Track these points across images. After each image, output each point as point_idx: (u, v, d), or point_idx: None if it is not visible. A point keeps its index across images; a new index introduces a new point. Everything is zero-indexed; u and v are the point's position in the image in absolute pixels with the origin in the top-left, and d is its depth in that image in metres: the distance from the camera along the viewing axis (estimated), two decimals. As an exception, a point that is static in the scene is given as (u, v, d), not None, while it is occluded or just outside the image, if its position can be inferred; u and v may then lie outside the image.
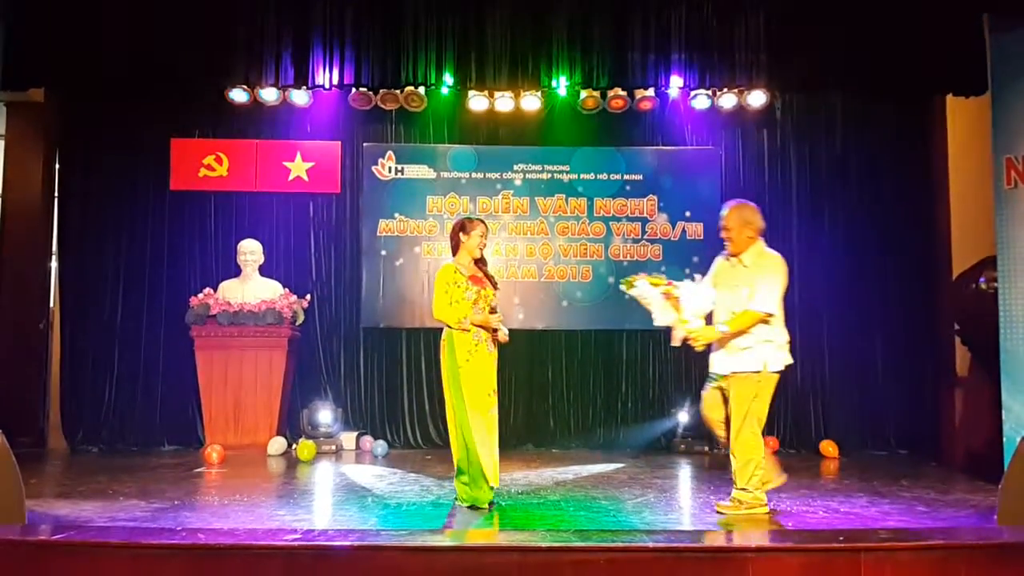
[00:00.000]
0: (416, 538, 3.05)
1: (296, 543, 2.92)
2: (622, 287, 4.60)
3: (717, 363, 4.49)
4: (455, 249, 4.72)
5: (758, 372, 4.33)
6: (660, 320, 4.43)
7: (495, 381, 4.59)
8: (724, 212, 4.52)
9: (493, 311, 4.61)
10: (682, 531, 3.74)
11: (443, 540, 3.05)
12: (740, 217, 4.46)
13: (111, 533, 3.27)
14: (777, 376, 4.41)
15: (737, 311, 4.36)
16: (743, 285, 4.39)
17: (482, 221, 4.76)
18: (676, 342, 4.46)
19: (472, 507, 4.47)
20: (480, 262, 4.71)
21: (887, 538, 2.98)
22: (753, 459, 4.33)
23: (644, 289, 4.45)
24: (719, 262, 4.65)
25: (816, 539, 2.99)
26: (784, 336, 4.46)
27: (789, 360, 4.48)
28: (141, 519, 4.20)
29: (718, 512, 4.40)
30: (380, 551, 2.93)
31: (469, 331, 4.50)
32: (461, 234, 4.68)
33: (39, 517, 4.09)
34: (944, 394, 7.31)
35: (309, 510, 4.60)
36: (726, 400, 4.46)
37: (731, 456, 4.43)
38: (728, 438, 4.47)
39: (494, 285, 4.70)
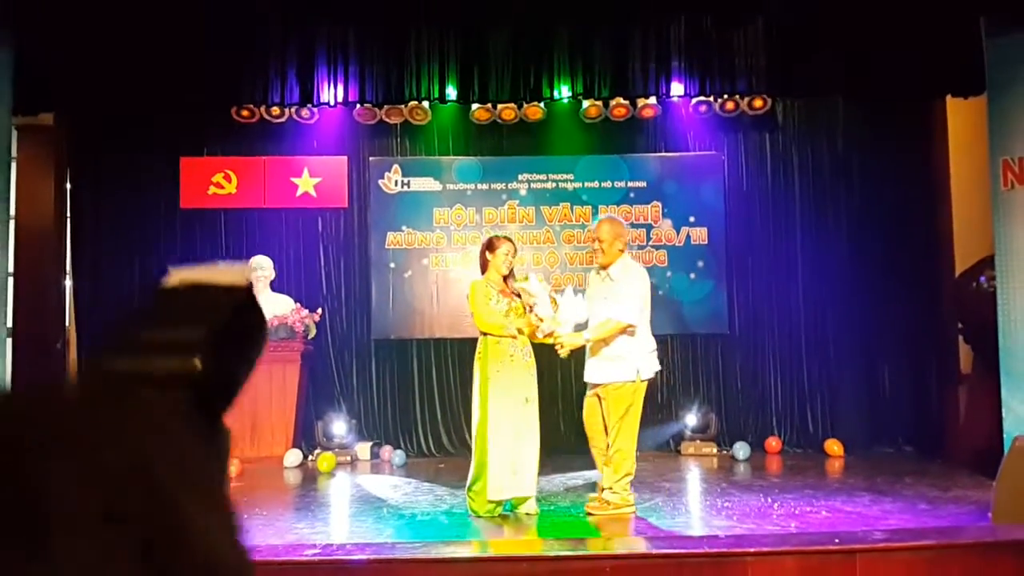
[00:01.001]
0: (428, 550, 3.18)
1: (316, 558, 3.05)
2: (516, 279, 4.81)
3: (591, 373, 4.73)
4: (483, 268, 4.85)
5: (632, 381, 4.57)
6: (541, 310, 4.60)
7: (532, 389, 4.73)
8: (595, 225, 4.77)
9: (530, 309, 4.70)
10: (683, 536, 3.86)
11: (454, 552, 3.18)
12: (612, 231, 4.69)
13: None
14: (646, 383, 4.66)
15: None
16: (611, 297, 4.62)
17: (508, 239, 4.90)
18: (540, 335, 4.65)
19: (480, 517, 4.60)
20: (508, 279, 4.84)
21: (882, 539, 3.08)
22: (624, 467, 4.58)
23: (534, 285, 4.63)
24: (592, 278, 4.89)
25: (813, 541, 3.10)
26: (652, 344, 4.69)
27: (658, 366, 4.75)
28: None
29: (587, 514, 4.63)
30: (394, 564, 3.05)
31: (517, 336, 4.67)
32: (487, 253, 4.82)
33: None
34: (949, 391, 7.39)
35: (327, 522, 4.74)
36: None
37: (605, 464, 4.66)
38: (599, 446, 4.75)
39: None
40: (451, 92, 6.55)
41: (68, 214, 8.07)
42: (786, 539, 3.31)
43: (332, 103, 6.64)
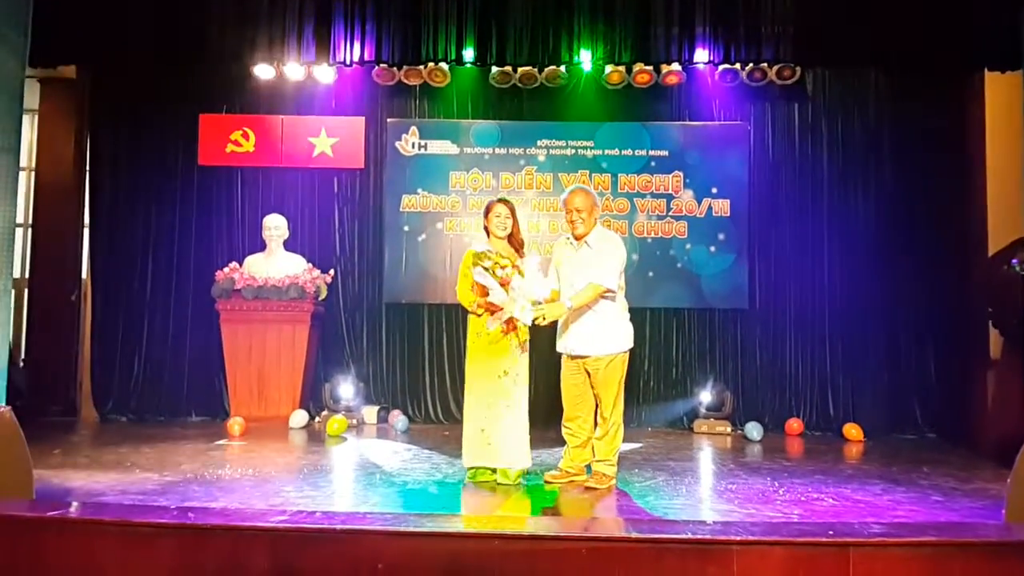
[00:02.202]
0: (401, 523, 3.06)
1: (281, 525, 2.95)
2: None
3: (580, 346, 4.58)
4: (488, 235, 4.78)
5: (625, 352, 4.56)
6: (494, 297, 4.43)
7: (512, 363, 4.59)
8: (570, 196, 4.61)
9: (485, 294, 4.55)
10: (666, 521, 3.69)
11: (426, 525, 3.06)
12: (589, 200, 4.61)
13: (105, 511, 3.33)
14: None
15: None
16: (592, 264, 4.51)
17: (504, 200, 4.79)
18: (491, 325, 4.45)
19: (477, 482, 4.63)
20: (512, 240, 4.74)
21: (878, 533, 2.90)
22: (619, 437, 4.62)
23: (480, 277, 4.49)
24: (563, 249, 4.73)
25: (804, 532, 2.93)
26: (628, 313, 4.67)
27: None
28: (151, 493, 4.29)
29: (587, 488, 4.56)
30: (365, 535, 2.95)
31: (479, 314, 4.58)
32: (484, 219, 4.77)
33: (52, 490, 4.19)
34: (976, 377, 7.11)
35: (315, 487, 4.63)
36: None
37: (601, 433, 4.61)
38: (585, 422, 4.73)
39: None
40: (468, 54, 6.41)
41: (88, 167, 8.05)
42: (776, 528, 3.13)
43: (348, 62, 6.51)
